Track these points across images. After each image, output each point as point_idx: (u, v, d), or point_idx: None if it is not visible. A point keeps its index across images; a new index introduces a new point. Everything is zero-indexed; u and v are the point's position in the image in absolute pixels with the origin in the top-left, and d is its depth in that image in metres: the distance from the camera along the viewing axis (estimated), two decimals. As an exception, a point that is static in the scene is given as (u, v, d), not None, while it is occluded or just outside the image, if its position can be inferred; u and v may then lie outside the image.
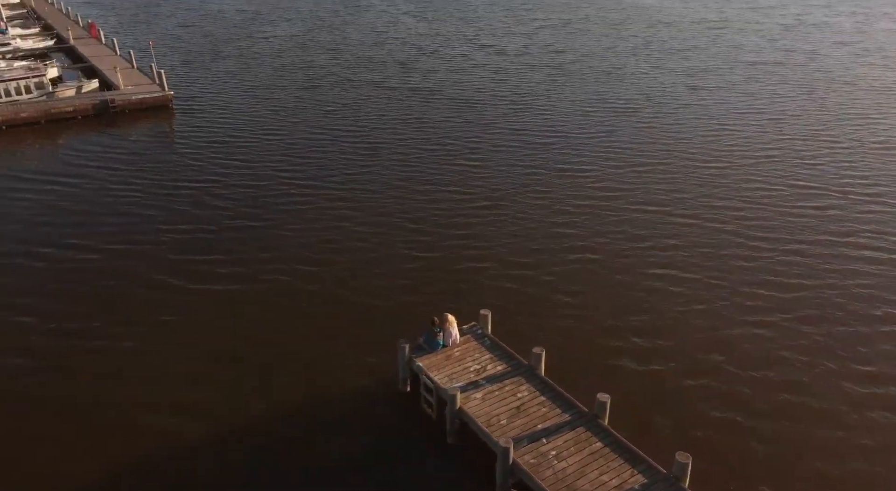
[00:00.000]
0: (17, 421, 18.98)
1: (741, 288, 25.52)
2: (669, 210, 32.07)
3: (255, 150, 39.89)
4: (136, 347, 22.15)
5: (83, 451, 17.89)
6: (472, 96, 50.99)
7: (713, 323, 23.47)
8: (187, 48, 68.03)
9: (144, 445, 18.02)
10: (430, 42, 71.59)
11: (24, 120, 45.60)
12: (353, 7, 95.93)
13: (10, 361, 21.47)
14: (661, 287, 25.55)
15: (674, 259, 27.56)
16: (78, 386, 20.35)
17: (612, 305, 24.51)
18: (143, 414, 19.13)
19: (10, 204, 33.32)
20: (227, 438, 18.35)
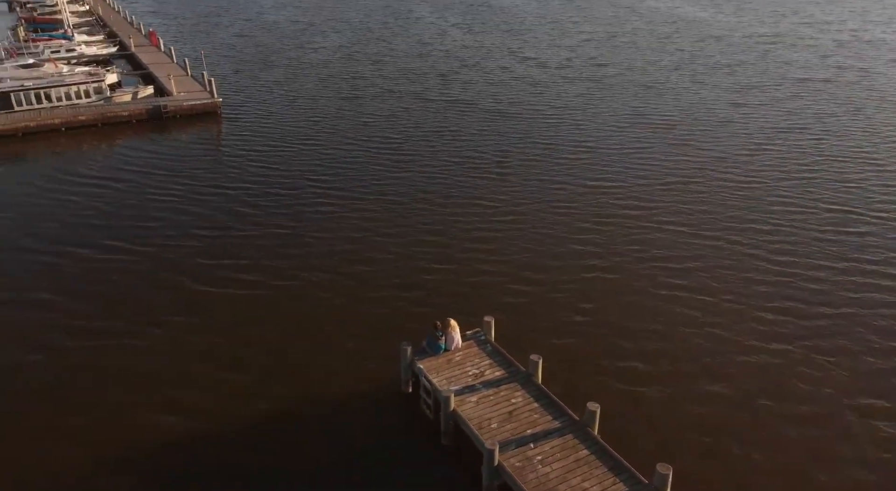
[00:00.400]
0: (34, 412, 20.24)
1: (756, 312, 25.03)
2: (693, 229, 31.73)
3: (291, 159, 41.32)
4: (149, 346, 23.15)
5: (87, 441, 18.95)
6: (507, 109, 51.59)
7: (721, 347, 23.08)
8: (240, 57, 70.84)
9: (151, 439, 18.96)
10: (473, 54, 72.59)
11: (82, 122, 48.49)
12: (403, 19, 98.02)
13: (33, 357, 22.69)
14: (673, 307, 25.35)
15: (691, 280, 27.27)
16: (90, 381, 21.41)
17: (621, 322, 24.50)
18: (152, 409, 20.15)
19: (55, 203, 35.38)
20: (231, 434, 19.18)
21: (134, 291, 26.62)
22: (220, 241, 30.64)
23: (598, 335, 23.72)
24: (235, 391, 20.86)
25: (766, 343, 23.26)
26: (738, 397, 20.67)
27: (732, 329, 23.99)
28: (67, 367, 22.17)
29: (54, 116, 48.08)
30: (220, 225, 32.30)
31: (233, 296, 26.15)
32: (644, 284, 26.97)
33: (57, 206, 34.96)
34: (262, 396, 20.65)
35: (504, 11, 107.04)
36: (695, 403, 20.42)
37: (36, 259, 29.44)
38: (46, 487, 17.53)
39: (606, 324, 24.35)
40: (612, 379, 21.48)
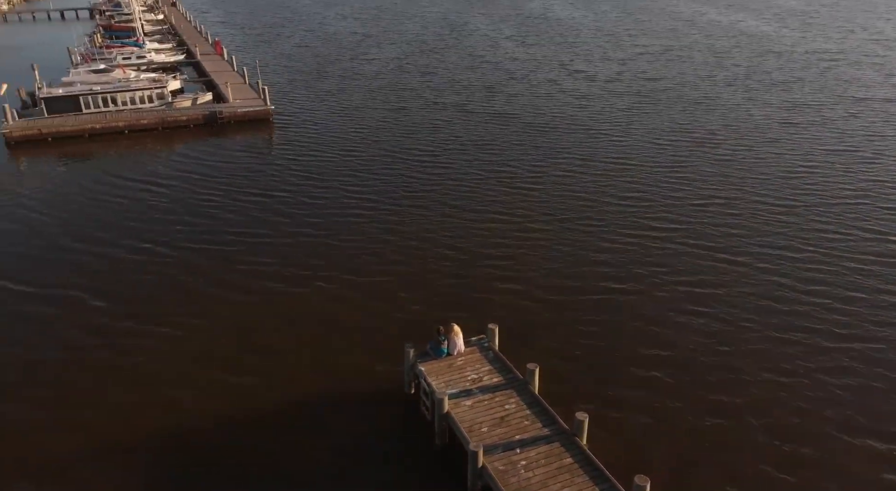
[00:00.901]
0: (47, 404, 21.62)
1: (773, 342, 24.30)
2: (721, 252, 31.05)
3: (330, 168, 42.73)
4: (163, 346, 24.28)
5: (93, 434, 20.14)
6: (549, 122, 51.91)
7: (730, 375, 22.51)
8: (296, 67, 73.61)
9: (153, 435, 19.94)
10: (523, 66, 73.17)
11: (143, 126, 51.61)
12: (458, 31, 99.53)
13: (53, 353, 24.16)
14: (686, 331, 24.91)
15: (710, 304, 26.68)
16: (100, 377, 22.66)
17: (629, 341, 24.34)
18: (157, 405, 21.21)
19: (101, 202, 37.75)
20: (234, 432, 20.13)
21: (158, 292, 27.97)
22: (247, 247, 31.96)
23: (604, 352, 23.75)
24: (243, 390, 21.90)
25: (777, 375, 22.48)
26: (738, 427, 20.14)
27: (744, 357, 23.41)
28: (80, 362, 23.41)
29: (118, 119, 51.37)
30: (251, 230, 33.66)
31: (251, 300, 27.21)
32: (660, 305, 26.65)
33: (101, 206, 37.28)
34: (267, 394, 21.59)
35: (560, 24, 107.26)
36: (692, 427, 20.19)
37: (71, 256, 31.36)
38: (45, 476, 18.71)
39: (614, 342, 24.33)
40: (611, 394, 21.57)
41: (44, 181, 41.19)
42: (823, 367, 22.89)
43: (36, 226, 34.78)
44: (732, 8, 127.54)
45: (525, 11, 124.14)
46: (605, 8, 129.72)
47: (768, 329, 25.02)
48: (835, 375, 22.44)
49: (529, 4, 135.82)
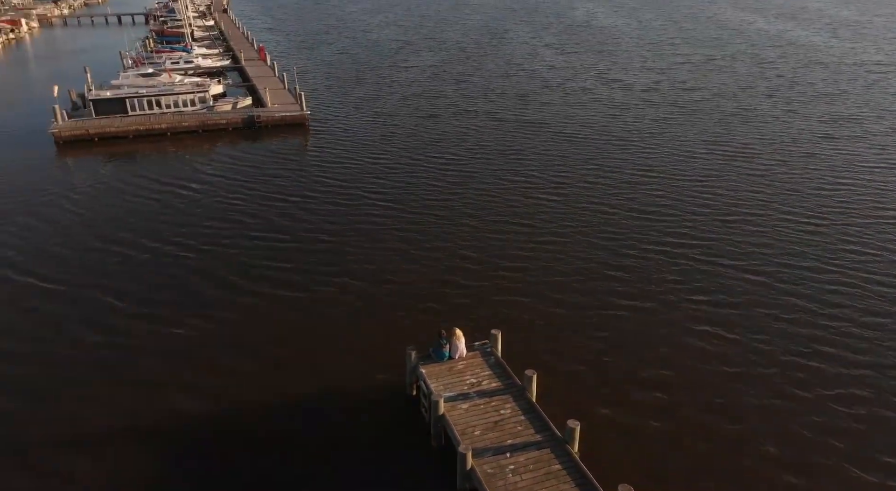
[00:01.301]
0: (82, 382, 23.14)
1: (784, 360, 23.71)
2: (742, 267, 30.40)
3: (358, 172, 43.54)
4: (184, 335, 25.46)
5: (116, 413, 21.46)
6: (578, 131, 51.79)
7: (737, 390, 22.13)
8: (335, 73, 75.15)
9: (164, 424, 20.94)
10: (559, 75, 73.10)
11: (185, 128, 53.56)
12: (498, 38, 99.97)
13: (92, 336, 25.67)
14: (695, 346, 24.53)
15: (724, 319, 26.21)
16: (130, 360, 24.03)
17: (635, 353, 24.14)
18: (171, 393, 22.26)
19: (141, 199, 39.35)
20: (238, 423, 20.94)
21: (186, 285, 29.24)
22: (270, 246, 32.93)
23: (608, 365, 23.60)
24: (251, 387, 22.63)
25: (784, 400, 21.76)
26: (737, 452, 19.67)
27: (752, 380, 22.81)
28: (90, 356, 24.49)
29: (161, 122, 53.44)
30: (271, 234, 34.44)
31: (264, 301, 27.91)
32: (671, 321, 26.21)
33: (135, 205, 38.79)
34: (272, 391, 22.26)
35: (602, 32, 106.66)
36: (688, 447, 19.84)
37: (112, 249, 32.97)
38: (71, 444, 20.13)
39: (619, 355, 24.14)
40: (610, 407, 21.47)
41: (86, 180, 43.13)
42: (835, 394, 22.17)
43: (68, 223, 36.43)
44: (782, 17, 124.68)
45: (568, 20, 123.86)
46: (649, 16, 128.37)
47: (781, 351, 24.39)
48: (846, 404, 21.67)
49: (573, 13, 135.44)
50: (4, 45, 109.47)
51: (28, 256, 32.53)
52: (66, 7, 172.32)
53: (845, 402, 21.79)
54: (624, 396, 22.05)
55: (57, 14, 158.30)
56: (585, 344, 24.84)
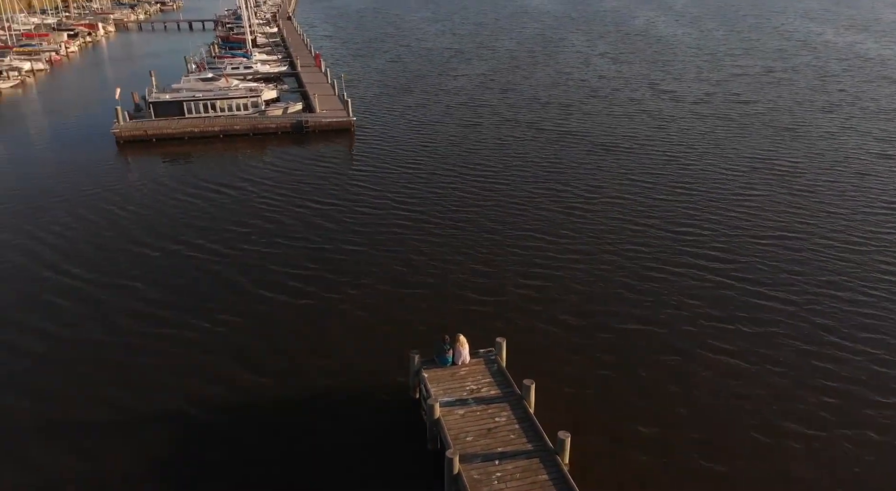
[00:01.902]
0: (90, 379, 24.19)
1: (800, 391, 22.60)
2: (771, 293, 28.87)
3: (393, 179, 44.16)
4: (195, 338, 26.08)
5: (120, 411, 22.30)
6: (619, 143, 51.25)
7: (749, 420, 21.25)
8: (385, 81, 76.59)
9: (169, 423, 21.64)
10: (608, 85, 72.43)
11: (236, 131, 55.78)
12: (552, 47, 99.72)
13: (103, 335, 26.60)
14: (707, 372, 23.68)
15: (742, 346, 25.17)
16: (139, 360, 24.78)
17: (647, 373, 23.63)
18: (176, 393, 22.94)
19: (182, 201, 40.76)
20: (245, 425, 21.60)
21: (203, 288, 29.97)
22: (293, 251, 33.49)
23: (614, 382, 23.27)
24: (260, 384, 23.44)
25: (797, 433, 20.69)
26: (731, 476, 19.18)
27: (762, 405, 22.00)
28: (126, 346, 25.65)
29: (215, 124, 55.81)
30: (301, 236, 35.26)
31: (285, 302, 28.58)
32: (688, 343, 25.46)
33: (182, 202, 40.47)
34: (280, 390, 22.94)
35: (659, 41, 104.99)
36: (687, 472, 19.41)
37: (139, 249, 34.09)
38: (65, 439, 21.14)
39: (627, 373, 23.72)
40: (610, 424, 21.30)
41: (137, 178, 45.44)
42: (853, 427, 21.20)
43: (109, 219, 38.22)
44: (853, 29, 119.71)
45: (626, 28, 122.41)
46: (711, 26, 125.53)
47: (803, 381, 23.27)
48: (862, 441, 20.62)
49: (632, 21, 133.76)
50: (81, 47, 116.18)
51: (60, 251, 34.19)
52: (142, 13, 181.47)
53: (864, 436, 20.84)
54: (623, 414, 21.71)
55: (133, 19, 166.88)
56: (593, 361, 24.50)
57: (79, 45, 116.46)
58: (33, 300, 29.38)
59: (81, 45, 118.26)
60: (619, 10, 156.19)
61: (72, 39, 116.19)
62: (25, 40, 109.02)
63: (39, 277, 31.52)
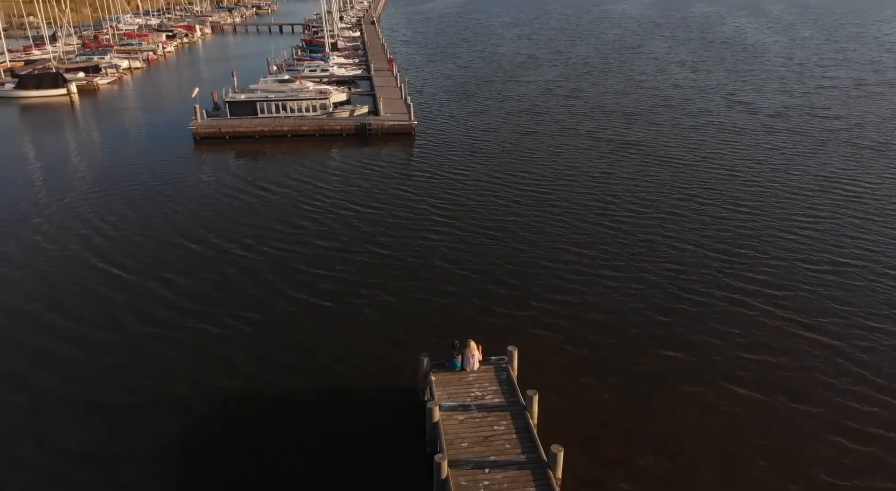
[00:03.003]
0: (117, 367, 25.91)
1: (829, 435, 20.80)
2: (817, 326, 26.87)
3: (440, 185, 43.95)
4: (216, 332, 26.77)
5: (140, 402, 23.32)
6: (679, 156, 49.54)
7: (764, 463, 19.90)
8: (452, 86, 77.28)
9: (182, 414, 22.36)
10: (679, 94, 70.25)
11: (304, 132, 57.91)
12: (629, 54, 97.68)
13: (134, 324, 27.43)
14: (728, 408, 22.14)
15: (771, 381, 23.36)
16: (163, 350, 25.60)
17: (656, 403, 22.47)
18: (185, 387, 23.74)
19: (230, 199, 41.84)
20: (255, 422, 22.33)
21: (235, 284, 30.74)
22: (325, 252, 33.93)
23: (622, 405, 22.40)
24: (267, 381, 23.96)
25: (807, 479, 19.30)
26: None
27: (781, 445, 20.48)
28: (150, 335, 26.63)
29: (284, 125, 58.16)
30: (336, 238, 35.61)
31: (307, 302, 29.03)
32: (711, 374, 23.80)
33: (229, 201, 41.58)
34: (293, 387, 23.46)
35: (746, 49, 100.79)
36: None
37: (183, 242, 35.39)
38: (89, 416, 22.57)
39: (639, 399, 22.59)
40: (609, 444, 20.78)
41: (205, 172, 47.86)
42: (881, 474, 19.76)
43: (171, 210, 40.14)
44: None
45: (712, 35, 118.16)
46: (806, 34, 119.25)
47: (830, 422, 21.48)
48: None
49: (720, 28, 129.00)
50: (178, 48, 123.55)
51: (112, 239, 36.07)
52: (238, 16, 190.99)
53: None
54: (628, 439, 20.99)
55: (229, 22, 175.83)
56: (606, 382, 23.70)
57: (176, 45, 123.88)
58: (76, 285, 31.12)
59: (178, 45, 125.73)
60: (708, 16, 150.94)
61: (169, 40, 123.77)
62: (127, 40, 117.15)
63: (88, 263, 33.40)
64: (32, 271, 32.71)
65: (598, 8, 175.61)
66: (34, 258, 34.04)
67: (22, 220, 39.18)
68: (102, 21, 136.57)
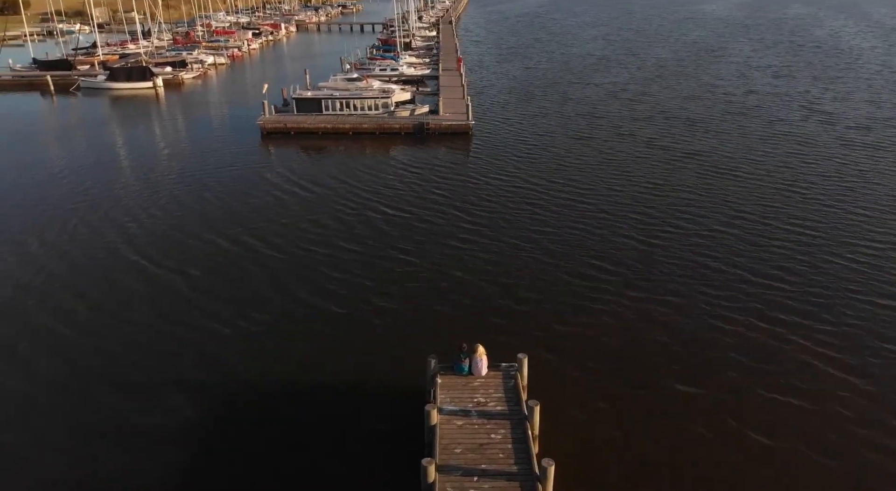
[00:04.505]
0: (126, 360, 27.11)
1: (845, 475, 19.18)
2: (856, 368, 24.02)
3: (472, 190, 42.74)
4: (226, 331, 26.85)
5: (142, 397, 24.68)
6: (739, 167, 46.90)
7: None
8: (515, 87, 76.69)
9: (181, 417, 22.60)
10: (754, 101, 67.01)
11: (364, 130, 59.15)
12: (709, 57, 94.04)
13: (149, 319, 27.65)
14: (741, 457, 20.20)
15: (794, 429, 21.15)
16: (170, 348, 25.66)
17: (663, 438, 21.03)
18: (195, 385, 24.12)
19: (270, 197, 42.20)
20: (254, 419, 22.82)
21: (251, 284, 30.71)
22: (347, 255, 33.56)
23: (627, 431, 21.47)
24: (276, 384, 24.13)
25: None
26: None
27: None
28: (158, 331, 26.93)
29: (345, 122, 59.60)
30: (361, 240, 35.28)
31: (320, 305, 28.81)
32: (727, 415, 21.88)
33: (270, 197, 42.01)
34: (302, 385, 23.69)
35: (837, 55, 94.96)
36: None
37: (212, 237, 35.88)
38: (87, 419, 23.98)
39: (644, 428, 21.49)
40: (606, 466, 20.12)
41: (262, 167, 49.45)
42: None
43: (208, 203, 41.51)
44: None
45: (802, 38, 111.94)
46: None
47: (854, 481, 19.54)
48: None
49: (814, 31, 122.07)
50: (262, 45, 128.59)
51: (148, 230, 37.23)
52: (324, 15, 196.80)
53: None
54: (627, 464, 20.22)
55: (314, 21, 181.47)
56: (615, 406, 22.65)
57: (260, 43, 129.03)
58: (103, 272, 32.32)
59: (263, 43, 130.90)
60: (802, 18, 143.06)
61: (255, 38, 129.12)
62: (215, 37, 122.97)
63: (117, 253, 34.45)
64: (119, 237, 35.43)
65: (685, 8, 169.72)
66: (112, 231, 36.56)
67: (98, 200, 42.21)
68: (197, 18, 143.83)
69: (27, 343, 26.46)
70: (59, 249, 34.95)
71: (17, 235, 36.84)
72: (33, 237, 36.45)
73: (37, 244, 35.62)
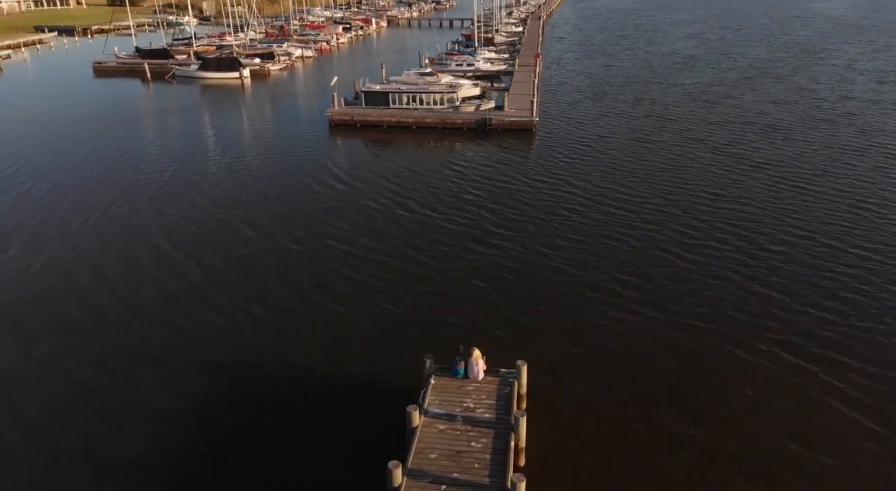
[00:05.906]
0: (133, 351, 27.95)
1: None
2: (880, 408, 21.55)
3: (514, 193, 40.96)
4: (231, 327, 26.70)
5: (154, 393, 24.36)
6: (812, 180, 42.78)
7: None
8: (589, 85, 74.26)
9: (182, 419, 22.42)
10: (847, 107, 61.84)
11: (427, 124, 59.15)
12: (808, 58, 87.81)
13: (148, 306, 28.86)
14: (754, 466, 19.03)
15: (799, 477, 19.01)
16: (166, 341, 25.82)
17: (656, 467, 19.68)
18: (199, 377, 23.78)
19: (312, 190, 42.32)
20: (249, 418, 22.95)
21: (263, 278, 30.64)
22: (367, 255, 32.95)
23: (622, 454, 20.17)
24: (273, 383, 23.91)
25: None
26: None
27: None
28: (166, 323, 27.15)
29: (410, 116, 59.84)
30: (382, 240, 34.63)
31: (327, 306, 28.48)
32: (740, 451, 19.98)
33: (314, 189, 42.29)
34: (302, 381, 23.58)
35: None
36: None
37: (242, 228, 36.37)
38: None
39: (641, 456, 20.10)
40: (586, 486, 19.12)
41: (322, 158, 50.38)
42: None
43: (252, 188, 42.75)
44: None
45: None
46: None
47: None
48: None
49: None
50: (351, 40, 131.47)
51: (186, 217, 38.16)
52: (416, 10, 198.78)
53: None
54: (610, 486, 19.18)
55: (406, 16, 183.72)
56: (614, 430, 21.33)
57: (350, 37, 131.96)
58: (132, 258, 33.18)
59: (352, 37, 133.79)
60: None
61: (345, 32, 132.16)
62: (307, 31, 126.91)
63: (148, 239, 35.32)
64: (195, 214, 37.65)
65: (794, 6, 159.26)
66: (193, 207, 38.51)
67: (183, 180, 44.96)
68: (294, 12, 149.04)
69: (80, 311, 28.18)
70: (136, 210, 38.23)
71: (107, 196, 40.71)
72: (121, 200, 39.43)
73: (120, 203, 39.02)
